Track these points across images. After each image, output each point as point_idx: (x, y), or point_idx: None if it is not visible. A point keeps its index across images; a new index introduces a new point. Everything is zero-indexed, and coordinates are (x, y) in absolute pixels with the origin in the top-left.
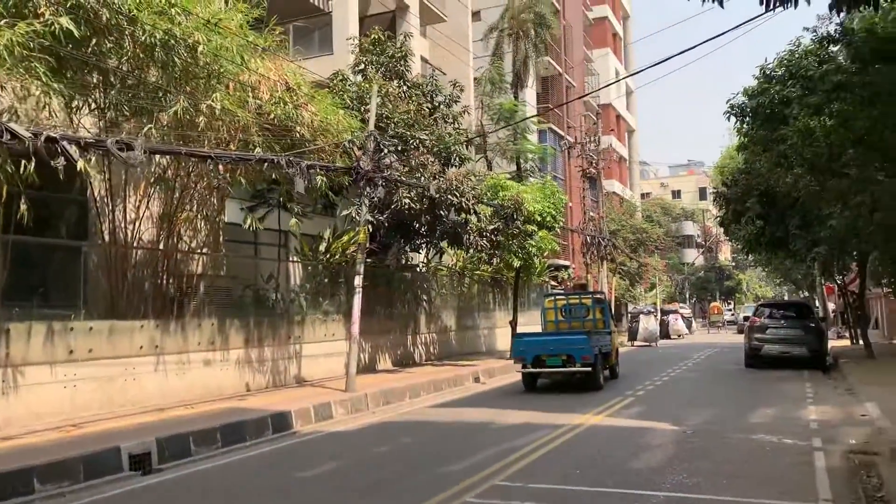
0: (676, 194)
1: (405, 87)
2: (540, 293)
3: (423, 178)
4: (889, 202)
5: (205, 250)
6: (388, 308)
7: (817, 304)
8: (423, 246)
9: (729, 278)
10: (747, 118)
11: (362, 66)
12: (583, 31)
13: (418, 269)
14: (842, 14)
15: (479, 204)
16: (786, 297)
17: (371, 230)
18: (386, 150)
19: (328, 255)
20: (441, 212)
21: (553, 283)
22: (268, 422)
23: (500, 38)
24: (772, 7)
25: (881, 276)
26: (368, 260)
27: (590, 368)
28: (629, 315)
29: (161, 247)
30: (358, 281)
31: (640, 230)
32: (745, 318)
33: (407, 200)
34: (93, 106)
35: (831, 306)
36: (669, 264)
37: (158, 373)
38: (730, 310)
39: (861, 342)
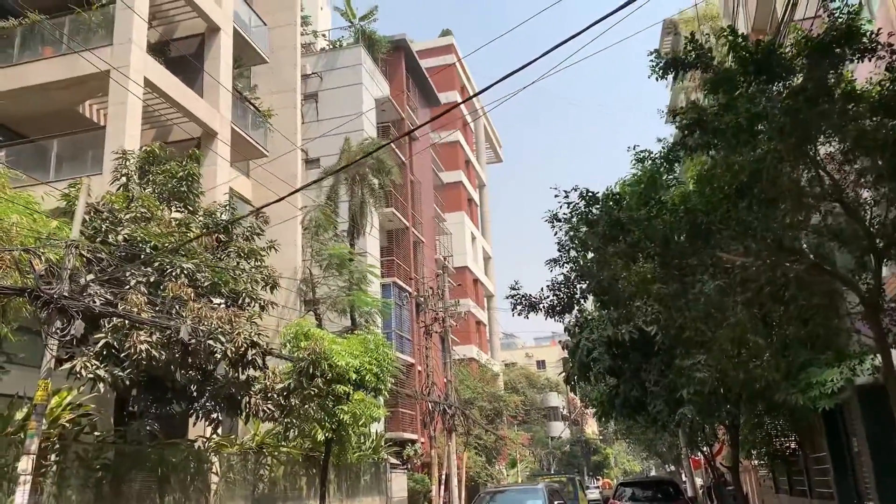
0: (541, 364)
1: (187, 212)
2: (376, 474)
3: (179, 318)
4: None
5: None
6: (136, 503)
7: (684, 478)
8: (192, 412)
9: (596, 452)
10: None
11: (124, 181)
12: (434, 190)
13: (195, 446)
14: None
15: (263, 355)
16: (653, 472)
17: (104, 390)
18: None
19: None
20: (210, 366)
21: (394, 460)
22: None
23: (336, 182)
24: None
25: (751, 446)
26: (97, 434)
27: None
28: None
29: None
30: (25, 464)
31: (497, 398)
32: None
33: (145, 346)
34: None
35: (699, 481)
36: (534, 438)
37: None
38: (597, 487)
39: None
